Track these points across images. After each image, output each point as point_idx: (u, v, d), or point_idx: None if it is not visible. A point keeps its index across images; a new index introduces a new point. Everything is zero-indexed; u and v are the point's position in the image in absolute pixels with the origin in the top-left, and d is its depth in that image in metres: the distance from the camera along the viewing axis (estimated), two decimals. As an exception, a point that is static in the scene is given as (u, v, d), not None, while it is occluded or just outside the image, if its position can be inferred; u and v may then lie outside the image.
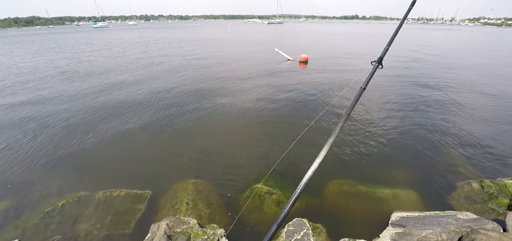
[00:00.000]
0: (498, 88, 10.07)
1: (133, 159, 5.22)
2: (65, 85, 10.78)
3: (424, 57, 17.96)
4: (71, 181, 4.52)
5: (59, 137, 6.05)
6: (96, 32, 57.12)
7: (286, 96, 8.88)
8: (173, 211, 3.73)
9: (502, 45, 27.69)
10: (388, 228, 3.28)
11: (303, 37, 37.43)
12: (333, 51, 21.19)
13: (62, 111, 7.66)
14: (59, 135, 6.17)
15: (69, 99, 8.85)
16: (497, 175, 4.46)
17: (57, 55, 20.36)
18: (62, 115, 7.35)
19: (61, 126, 6.63)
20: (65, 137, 6.04)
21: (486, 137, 5.88)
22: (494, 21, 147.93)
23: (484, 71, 13.47)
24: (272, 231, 1.14)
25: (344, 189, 4.15)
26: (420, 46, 24.52)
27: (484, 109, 7.68)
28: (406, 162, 4.92)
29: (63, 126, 6.66)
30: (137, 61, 16.36)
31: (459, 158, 5.03)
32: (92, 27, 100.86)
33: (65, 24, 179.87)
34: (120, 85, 10.62)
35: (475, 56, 18.95)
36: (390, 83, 10.66)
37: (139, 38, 35.68)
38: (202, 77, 11.91)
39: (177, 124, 6.69)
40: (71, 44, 28.81)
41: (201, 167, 4.84)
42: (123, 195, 4.08)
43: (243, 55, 19.29)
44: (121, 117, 7.15)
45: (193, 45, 26.06)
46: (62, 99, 8.82)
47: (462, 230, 2.99)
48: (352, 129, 6.25)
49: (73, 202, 3.98)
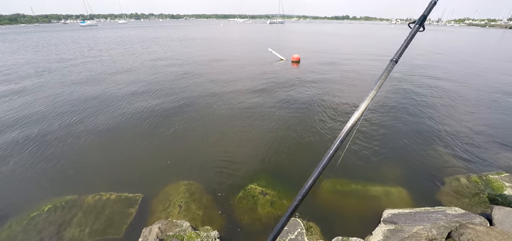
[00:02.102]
0: (483, 86, 10.43)
1: (123, 161, 5.09)
2: (46, 85, 10.41)
3: (410, 59, 18.41)
4: (57, 185, 4.36)
5: (43, 140, 5.83)
6: (84, 31, 55.57)
7: (279, 96, 8.90)
8: (165, 214, 3.65)
9: (487, 46, 28.68)
10: (380, 225, 3.32)
11: (294, 36, 37.65)
12: (325, 50, 21.40)
13: (43, 113, 7.39)
14: (43, 137, 5.95)
15: (53, 100, 8.55)
16: (483, 170, 4.60)
17: (36, 55, 19.59)
18: (43, 117, 7.09)
19: (45, 128, 6.40)
20: (49, 139, 5.83)
21: (472, 133, 6.07)
22: (478, 22, 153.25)
23: (468, 69, 13.92)
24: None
25: (337, 188, 4.19)
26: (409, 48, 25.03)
27: (469, 107, 7.92)
28: (396, 160, 5.02)
29: (46, 128, 6.43)
30: (124, 60, 16.02)
31: (446, 154, 5.17)
32: (80, 25, 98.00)
33: (51, 22, 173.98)
34: (107, 85, 10.35)
35: (462, 54, 19.57)
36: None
37: (127, 37, 34.99)
38: (193, 77, 11.77)
39: (168, 125, 6.58)
40: (54, 43, 27.82)
41: (194, 168, 4.77)
42: (113, 198, 3.97)
43: (236, 54, 19.22)
44: (110, 119, 6.97)
45: (182, 44, 25.79)
46: (46, 100, 8.51)
47: (451, 225, 3.07)
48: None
49: (60, 206, 3.84)
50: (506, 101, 8.47)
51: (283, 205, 3.81)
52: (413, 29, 1.24)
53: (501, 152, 5.27)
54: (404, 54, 1.26)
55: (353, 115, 1.26)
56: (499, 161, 4.93)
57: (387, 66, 1.26)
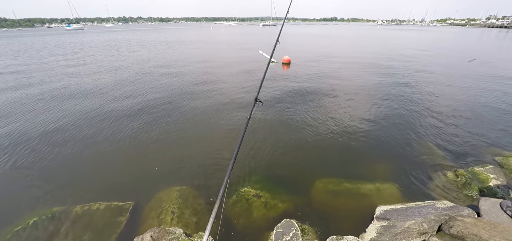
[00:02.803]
0: (466, 82, 10.84)
1: (112, 169, 4.95)
2: (30, 92, 10.04)
3: (399, 56, 18.94)
4: (43, 196, 4.18)
5: (26, 150, 5.60)
6: (70, 35, 54.03)
7: (268, 97, 8.92)
8: (157, 221, 3.57)
9: (467, 44, 29.85)
10: (373, 222, 3.37)
11: (287, 38, 37.98)
12: (314, 52, 21.69)
13: (23, 122, 7.11)
14: (25, 147, 5.71)
15: (31, 108, 8.25)
16: (469, 164, 4.76)
17: (16, 60, 18.92)
18: (24, 126, 6.82)
19: (27, 137, 6.14)
20: (32, 149, 5.60)
21: (457, 127, 6.28)
22: (459, 21, 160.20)
23: (452, 66, 14.45)
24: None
25: (330, 188, 4.22)
26: (395, 48, 25.80)
27: (455, 102, 8.20)
28: (387, 156, 5.12)
29: (28, 137, 6.18)
30: (108, 65, 15.67)
31: (434, 149, 5.32)
32: (65, 29, 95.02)
33: (35, 26, 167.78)
34: (90, 91, 10.07)
35: (447, 51, 20.29)
36: (366, 82, 11.09)
37: (114, 40, 34.27)
38: (183, 80, 11.65)
39: (157, 130, 6.46)
40: (36, 48, 26.90)
41: (186, 173, 4.70)
42: (103, 208, 3.85)
43: (228, 56, 19.16)
44: (95, 125, 6.76)
45: (170, 47, 25.51)
46: (24, 108, 8.19)
47: (441, 218, 3.15)
48: (332, 128, 6.40)
49: (46, 218, 3.68)
50: (486, 98, 8.82)
51: (278, 207, 3.80)
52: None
53: (484, 146, 5.46)
54: (388, 54, 1.29)
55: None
56: (483, 155, 5.10)
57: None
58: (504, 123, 6.58)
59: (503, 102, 8.29)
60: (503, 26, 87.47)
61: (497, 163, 4.75)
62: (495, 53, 20.79)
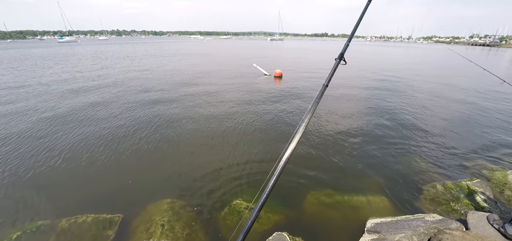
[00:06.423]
0: (455, 95, 11.24)
1: (100, 180, 4.83)
2: (15, 102, 9.83)
3: (388, 72, 19.54)
4: (27, 209, 4.03)
5: (7, 160, 5.42)
6: (61, 47, 53.48)
7: (261, 110, 9.00)
8: (147, 235, 3.48)
9: (452, 62, 31.12)
10: (364, 235, 3.38)
11: (280, 53, 38.76)
12: (304, 66, 22.16)
13: (10, 130, 6.93)
14: (6, 157, 5.54)
15: (22, 115, 8.06)
16: (458, 177, 4.87)
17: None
18: (11, 135, 6.64)
19: (10, 148, 5.97)
20: (14, 159, 5.43)
21: (446, 141, 6.46)
22: (444, 39, 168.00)
23: (441, 81, 14.99)
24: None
25: (322, 200, 4.23)
26: (384, 64, 26.63)
27: (444, 116, 8.47)
28: (378, 169, 5.19)
29: (12, 147, 6.00)
30: (96, 75, 15.58)
31: (423, 162, 5.43)
32: (57, 41, 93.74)
33: (26, 38, 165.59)
34: (75, 101, 9.94)
35: (433, 67, 21.07)
36: (356, 96, 11.35)
37: (108, 53, 34.17)
38: (176, 92, 11.66)
39: (149, 141, 6.39)
40: (23, 59, 26.57)
41: (177, 186, 4.63)
42: (90, 221, 3.73)
43: (222, 69, 19.34)
44: (81, 136, 6.64)
45: (167, 60, 25.60)
46: (16, 116, 8.00)
47: (430, 232, 3.18)
48: (324, 140, 6.48)
49: (30, 233, 3.54)
50: (474, 112, 9.15)
51: (270, 219, 3.77)
52: (336, 63, 1.70)
53: (472, 159, 5.62)
54: (380, 68, 1.38)
55: (293, 140, 1.47)
56: (471, 169, 5.24)
57: (320, 90, 1.59)
58: (491, 138, 6.81)
59: (491, 116, 8.62)
60: (485, 44, 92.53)
61: (484, 176, 4.88)
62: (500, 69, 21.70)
